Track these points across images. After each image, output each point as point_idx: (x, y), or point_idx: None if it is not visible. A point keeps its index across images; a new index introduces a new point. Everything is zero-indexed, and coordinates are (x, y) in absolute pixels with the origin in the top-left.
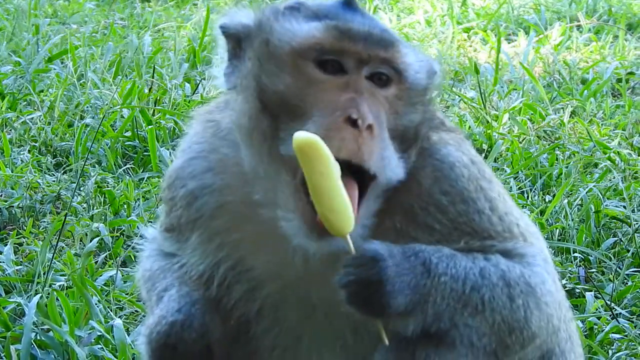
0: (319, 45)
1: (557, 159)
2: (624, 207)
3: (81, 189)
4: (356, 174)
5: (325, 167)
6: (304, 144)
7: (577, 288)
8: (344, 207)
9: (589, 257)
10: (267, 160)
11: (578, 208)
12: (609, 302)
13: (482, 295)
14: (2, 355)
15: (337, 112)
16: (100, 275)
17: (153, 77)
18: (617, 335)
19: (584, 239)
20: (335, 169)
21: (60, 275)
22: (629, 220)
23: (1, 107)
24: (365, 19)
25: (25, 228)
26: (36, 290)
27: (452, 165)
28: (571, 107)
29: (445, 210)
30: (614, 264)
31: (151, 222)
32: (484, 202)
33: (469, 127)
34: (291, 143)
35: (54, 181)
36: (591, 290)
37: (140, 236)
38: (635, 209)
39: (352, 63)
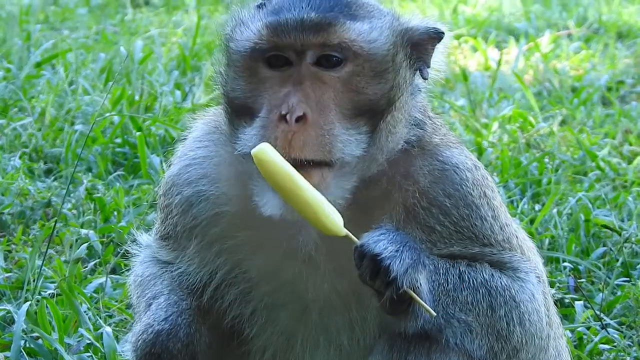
0: (258, 45)
1: (546, 168)
2: (614, 216)
3: (71, 195)
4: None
5: (281, 173)
6: (256, 155)
7: (567, 298)
8: (321, 210)
9: (579, 266)
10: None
11: (567, 217)
12: (598, 312)
13: (465, 296)
14: None
15: (273, 110)
16: (90, 283)
17: (143, 84)
18: (606, 346)
19: (573, 248)
20: (292, 171)
21: (50, 283)
22: (618, 229)
23: None
24: (304, 3)
25: (15, 235)
26: (26, 298)
27: (456, 167)
28: (561, 115)
29: (449, 212)
30: (603, 273)
31: (142, 229)
32: (487, 209)
33: (459, 135)
34: (247, 146)
35: (44, 187)
36: (580, 300)
37: (133, 241)
38: (625, 218)
39: (292, 54)
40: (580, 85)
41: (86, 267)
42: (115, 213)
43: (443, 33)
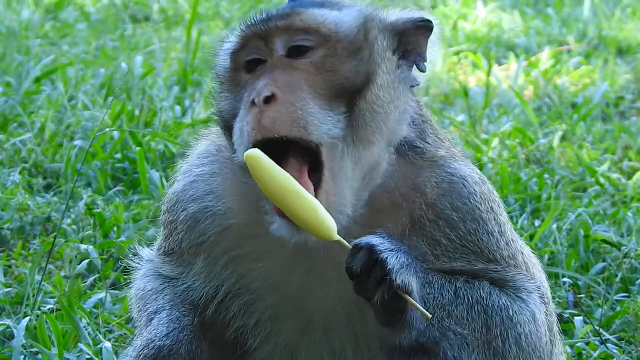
0: (235, 50)
1: (546, 183)
2: (613, 231)
3: (71, 210)
4: (305, 156)
5: (272, 176)
6: (246, 160)
7: (566, 313)
8: (314, 213)
9: (578, 281)
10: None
11: (567, 232)
12: (597, 328)
13: (460, 311)
14: None
15: (246, 105)
16: (90, 298)
17: (142, 100)
18: None
19: (572, 263)
20: (284, 175)
21: (50, 298)
22: (617, 245)
23: None
24: (280, 7)
25: (14, 250)
26: (25, 313)
27: (464, 180)
28: (561, 131)
29: (455, 226)
30: (602, 289)
31: (142, 243)
32: (494, 225)
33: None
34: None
35: (44, 203)
36: (580, 315)
37: (134, 255)
38: (625, 234)
39: (264, 49)
40: (582, 99)
41: (86, 282)
42: (115, 228)
43: (430, 21)
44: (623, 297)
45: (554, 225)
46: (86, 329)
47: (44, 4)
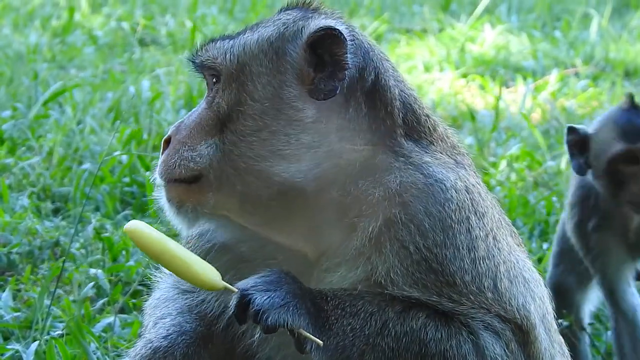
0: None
1: (554, 207)
2: None
3: (80, 234)
4: None
5: (152, 244)
6: (127, 233)
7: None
8: (195, 269)
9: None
10: None
11: None
12: (604, 353)
13: (388, 342)
14: None
15: None
16: (98, 322)
17: (151, 123)
18: None
19: None
20: (162, 241)
21: (59, 322)
22: None
23: (0, 153)
24: None
25: (23, 274)
26: (34, 337)
27: (442, 185)
28: None
29: (425, 234)
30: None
31: (149, 268)
32: (465, 238)
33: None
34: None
35: (52, 227)
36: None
37: (156, 269)
38: None
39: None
40: (590, 122)
41: (94, 306)
42: (124, 252)
43: (335, 29)
44: None
45: None
46: (95, 354)
47: (51, 28)
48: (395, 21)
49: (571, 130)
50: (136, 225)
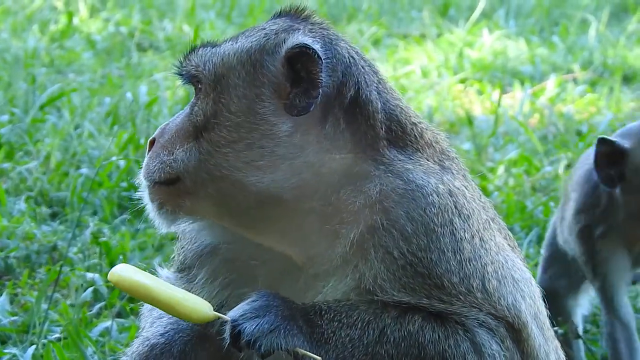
0: None
1: (552, 212)
2: None
3: (77, 239)
4: None
5: (138, 287)
6: (111, 279)
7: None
8: (184, 305)
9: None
10: None
11: None
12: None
13: (387, 349)
14: None
15: None
16: (96, 326)
17: (148, 128)
18: None
19: None
20: (147, 281)
21: (56, 326)
22: None
23: None
24: None
25: (21, 278)
26: (31, 341)
27: (423, 190)
28: (566, 159)
29: (409, 239)
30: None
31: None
32: (449, 241)
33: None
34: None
35: (50, 231)
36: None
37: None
38: None
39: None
40: (588, 127)
41: (92, 310)
42: (121, 257)
43: (307, 46)
44: None
45: None
46: (92, 358)
47: (49, 32)
48: (393, 26)
49: (602, 141)
50: (119, 273)
